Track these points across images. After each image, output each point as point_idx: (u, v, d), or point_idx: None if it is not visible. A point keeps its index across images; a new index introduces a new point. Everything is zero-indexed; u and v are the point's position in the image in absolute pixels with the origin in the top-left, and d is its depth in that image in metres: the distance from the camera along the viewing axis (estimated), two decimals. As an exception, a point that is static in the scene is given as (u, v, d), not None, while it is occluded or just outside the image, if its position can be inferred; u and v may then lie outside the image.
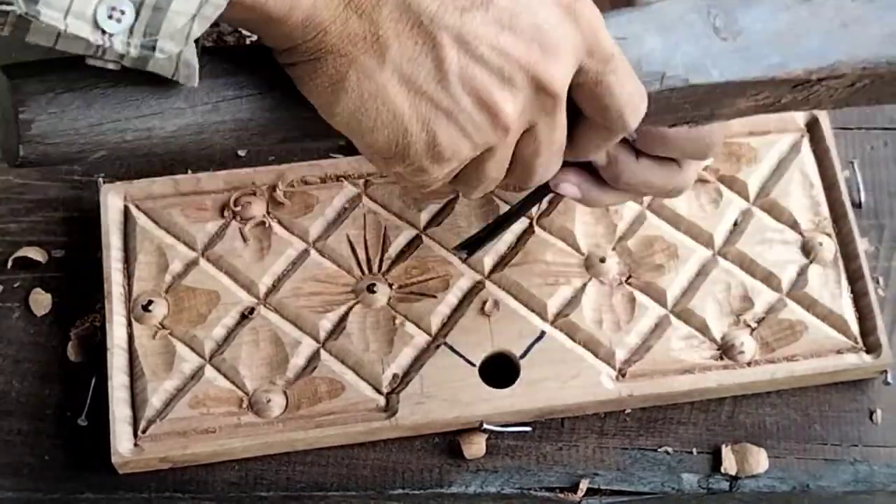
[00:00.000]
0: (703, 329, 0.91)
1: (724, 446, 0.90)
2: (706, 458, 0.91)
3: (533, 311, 0.92)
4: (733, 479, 0.90)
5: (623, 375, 0.90)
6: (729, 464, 0.90)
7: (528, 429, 0.90)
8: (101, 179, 0.97)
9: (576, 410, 0.90)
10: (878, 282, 0.96)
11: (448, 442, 0.90)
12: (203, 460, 0.88)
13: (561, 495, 0.89)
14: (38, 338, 0.93)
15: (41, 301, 0.94)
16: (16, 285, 0.95)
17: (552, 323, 0.91)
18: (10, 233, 0.97)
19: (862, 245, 0.94)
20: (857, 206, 0.99)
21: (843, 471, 0.90)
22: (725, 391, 0.90)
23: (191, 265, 0.93)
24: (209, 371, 0.89)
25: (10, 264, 0.95)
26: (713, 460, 0.90)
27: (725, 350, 0.91)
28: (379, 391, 0.89)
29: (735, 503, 0.91)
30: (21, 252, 0.96)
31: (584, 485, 0.89)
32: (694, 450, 0.91)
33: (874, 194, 1.00)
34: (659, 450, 0.91)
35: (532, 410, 0.89)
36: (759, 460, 0.90)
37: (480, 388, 0.89)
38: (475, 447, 0.89)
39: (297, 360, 0.90)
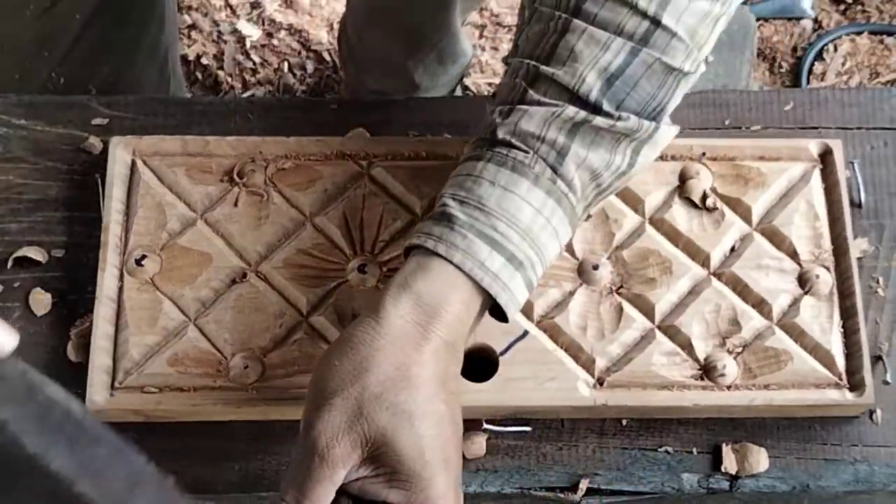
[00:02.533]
0: (687, 347, 0.91)
1: (724, 446, 0.90)
2: (706, 458, 0.91)
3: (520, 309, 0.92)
4: (733, 478, 0.90)
5: (601, 384, 0.90)
6: (729, 463, 0.90)
7: (527, 429, 0.91)
8: (98, 178, 0.97)
9: (550, 413, 0.90)
10: (877, 282, 0.96)
11: (448, 441, 0.90)
12: (175, 417, 0.89)
13: (561, 495, 0.90)
14: (38, 338, 0.94)
15: (41, 301, 0.95)
16: (16, 285, 0.95)
17: (537, 324, 0.91)
18: (11, 233, 0.97)
19: (859, 259, 0.95)
20: (857, 206, 0.98)
21: (843, 471, 0.90)
22: (701, 412, 0.90)
23: (188, 225, 0.94)
24: (192, 331, 0.90)
25: (10, 264, 0.96)
26: (713, 460, 0.91)
27: (707, 371, 0.90)
28: (355, 370, 0.89)
29: (735, 503, 0.91)
30: (21, 252, 0.96)
31: (584, 485, 0.89)
32: (694, 449, 0.91)
33: (874, 194, 0.99)
34: (659, 450, 0.91)
35: (506, 408, 0.89)
36: (759, 460, 0.90)
37: (457, 380, 0.88)
38: (475, 447, 0.90)
39: (279, 331, 0.91)
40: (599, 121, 0.80)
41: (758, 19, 1.96)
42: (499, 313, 0.82)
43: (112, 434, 0.57)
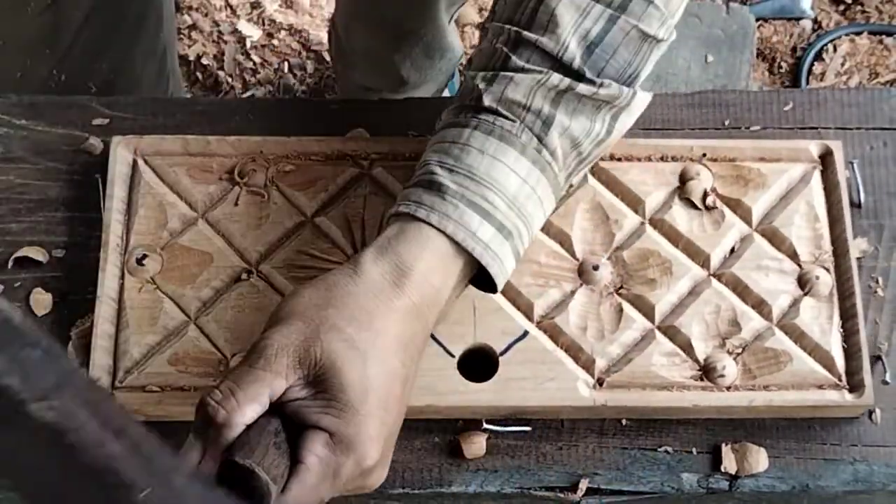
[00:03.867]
0: (687, 348, 0.91)
1: (723, 446, 0.90)
2: (706, 458, 0.91)
3: (519, 309, 0.92)
4: (733, 478, 0.90)
5: (601, 384, 0.90)
6: (729, 463, 0.90)
7: (527, 428, 0.91)
8: (99, 178, 0.97)
9: (550, 413, 0.90)
10: (877, 281, 0.96)
11: (448, 442, 0.90)
12: (176, 417, 0.89)
13: (561, 495, 0.90)
14: None
15: (41, 301, 0.95)
16: (16, 285, 0.95)
17: (537, 324, 0.91)
18: (11, 233, 0.97)
19: (859, 265, 0.94)
20: (856, 206, 0.98)
21: (843, 470, 0.90)
22: (701, 412, 0.90)
23: (189, 225, 0.95)
24: (192, 330, 0.91)
25: (10, 264, 0.96)
26: (713, 460, 0.91)
27: (706, 372, 0.90)
28: (355, 370, 0.89)
29: (735, 503, 0.91)
30: (22, 252, 0.96)
31: (583, 484, 0.89)
32: (694, 449, 0.91)
33: (874, 194, 1.00)
34: (659, 449, 0.91)
35: (505, 408, 0.89)
36: (759, 460, 0.90)
37: (456, 380, 0.89)
38: (475, 447, 0.90)
39: (279, 331, 0.90)
40: (583, 88, 0.82)
41: (757, 19, 1.97)
42: (485, 284, 0.82)
43: (50, 342, 0.58)
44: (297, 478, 0.72)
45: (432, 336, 0.89)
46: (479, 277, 0.83)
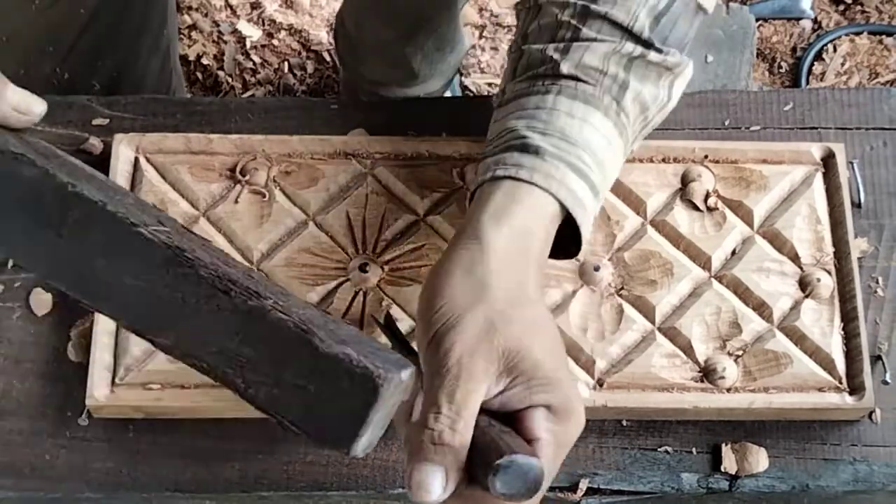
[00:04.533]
0: (687, 350, 0.91)
1: (723, 446, 0.91)
2: (706, 458, 0.91)
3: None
4: (733, 478, 0.90)
5: (601, 385, 0.90)
6: (729, 463, 0.90)
7: None
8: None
9: (550, 414, 0.90)
10: (877, 281, 0.96)
11: (448, 441, 0.90)
12: (176, 414, 0.89)
13: (561, 495, 0.90)
14: (38, 338, 0.93)
15: (41, 301, 0.94)
16: (16, 285, 0.95)
17: (538, 324, 0.91)
18: None
19: (860, 272, 0.94)
20: (856, 206, 0.99)
21: (843, 470, 0.90)
22: (700, 414, 0.90)
23: (191, 223, 0.94)
24: (193, 329, 0.90)
25: (10, 264, 0.95)
26: (713, 460, 0.91)
27: (707, 373, 0.90)
28: (356, 370, 0.89)
29: (735, 503, 0.91)
30: None
31: (583, 484, 0.90)
32: (694, 449, 0.91)
33: (874, 194, 1.00)
34: (659, 449, 0.91)
35: (506, 408, 0.89)
36: (759, 459, 0.90)
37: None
38: (475, 446, 0.90)
39: (280, 330, 0.90)
40: (653, 56, 0.86)
41: (757, 19, 1.97)
42: (555, 249, 0.83)
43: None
44: (539, 453, 0.73)
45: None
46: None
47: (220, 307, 0.67)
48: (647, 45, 0.86)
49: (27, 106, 0.78)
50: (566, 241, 0.84)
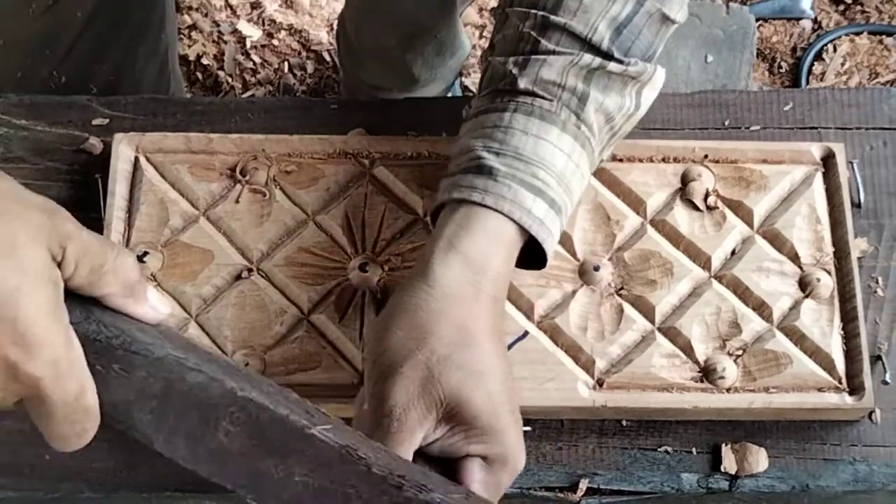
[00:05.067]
0: (687, 350, 0.91)
1: (723, 446, 0.91)
2: (706, 458, 0.91)
3: (520, 309, 0.92)
4: (733, 478, 0.90)
5: (600, 385, 0.90)
6: (728, 463, 0.90)
7: (527, 428, 0.90)
8: (99, 178, 0.97)
9: (550, 414, 0.90)
10: (877, 281, 0.96)
11: (448, 441, 0.90)
12: (176, 415, 0.89)
13: (561, 495, 0.90)
14: None
15: None
16: None
17: (537, 324, 0.91)
18: None
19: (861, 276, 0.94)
20: (856, 205, 0.99)
21: (843, 470, 0.91)
22: (700, 414, 0.90)
23: (190, 222, 0.95)
24: (193, 328, 0.91)
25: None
26: (713, 460, 0.91)
27: (706, 373, 0.90)
28: (356, 370, 0.89)
29: (735, 503, 0.91)
30: None
31: (583, 485, 0.90)
32: (693, 449, 0.91)
33: (874, 194, 1.00)
34: (658, 449, 0.91)
35: (505, 408, 0.89)
36: (759, 460, 0.90)
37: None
38: (475, 447, 0.90)
39: (280, 329, 0.91)
40: (613, 66, 0.84)
41: (757, 19, 1.97)
42: (527, 262, 0.83)
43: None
44: None
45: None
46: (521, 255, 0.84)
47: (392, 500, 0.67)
48: (607, 56, 0.85)
49: (161, 304, 0.73)
50: (541, 253, 0.84)
